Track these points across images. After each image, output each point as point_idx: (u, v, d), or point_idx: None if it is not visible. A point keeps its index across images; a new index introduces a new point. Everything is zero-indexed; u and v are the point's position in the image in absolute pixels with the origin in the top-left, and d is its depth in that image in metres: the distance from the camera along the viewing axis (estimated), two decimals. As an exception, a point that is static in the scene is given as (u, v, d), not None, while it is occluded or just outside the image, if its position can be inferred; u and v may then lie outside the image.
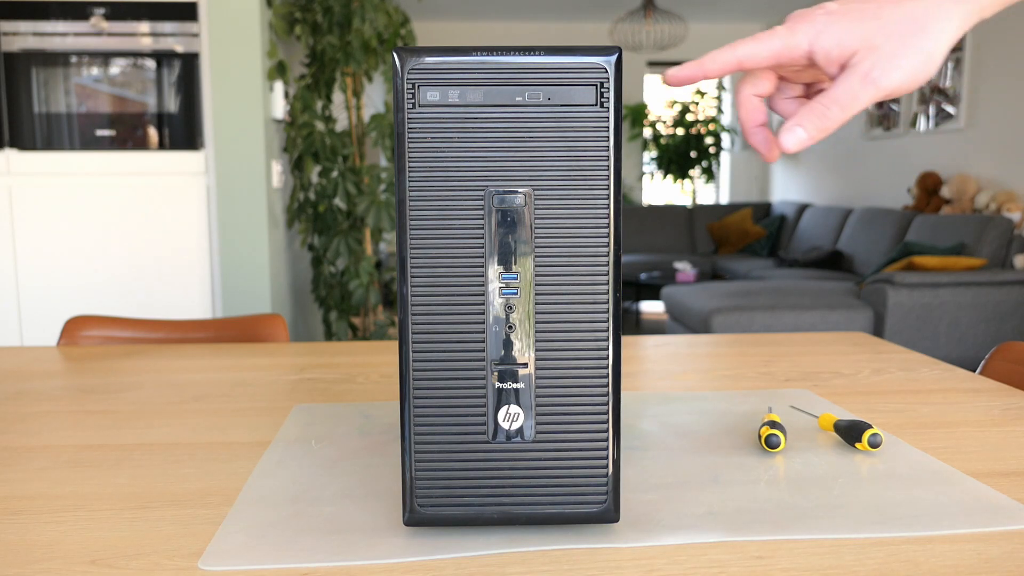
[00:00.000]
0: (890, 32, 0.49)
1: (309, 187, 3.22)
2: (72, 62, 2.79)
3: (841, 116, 0.50)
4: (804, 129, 0.51)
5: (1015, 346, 1.08)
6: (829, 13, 0.50)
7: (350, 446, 0.76)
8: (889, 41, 0.49)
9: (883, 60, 0.49)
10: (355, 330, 3.40)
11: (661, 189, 7.82)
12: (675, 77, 0.51)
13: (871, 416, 0.85)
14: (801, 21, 0.51)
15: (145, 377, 1.04)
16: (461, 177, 0.53)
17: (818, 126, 0.51)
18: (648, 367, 1.10)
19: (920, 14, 0.49)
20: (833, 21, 0.50)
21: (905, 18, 0.49)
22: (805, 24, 0.50)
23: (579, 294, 0.54)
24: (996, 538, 0.56)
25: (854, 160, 5.88)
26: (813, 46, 0.50)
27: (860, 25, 0.49)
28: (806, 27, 0.50)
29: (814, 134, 0.51)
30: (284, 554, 0.54)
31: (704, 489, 0.65)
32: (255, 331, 1.43)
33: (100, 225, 2.84)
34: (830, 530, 0.57)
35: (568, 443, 0.55)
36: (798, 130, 0.51)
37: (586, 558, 0.53)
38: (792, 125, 0.51)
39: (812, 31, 0.50)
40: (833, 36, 0.50)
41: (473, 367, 0.54)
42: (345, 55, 3.04)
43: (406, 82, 0.52)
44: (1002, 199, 4.05)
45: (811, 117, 0.51)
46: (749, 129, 0.54)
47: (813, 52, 0.50)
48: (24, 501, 0.63)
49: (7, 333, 2.87)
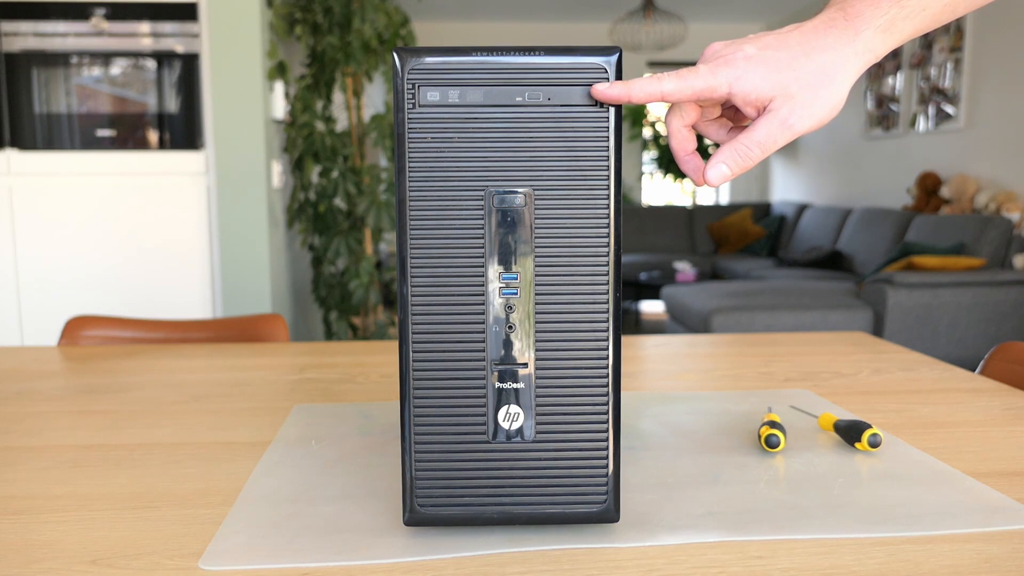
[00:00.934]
0: (803, 83, 0.55)
1: (309, 187, 3.22)
2: (72, 62, 2.79)
3: (761, 155, 0.56)
4: (727, 166, 0.56)
5: (1015, 346, 1.08)
6: (748, 58, 0.55)
7: (350, 446, 0.76)
8: (803, 91, 0.55)
9: (798, 108, 0.55)
10: (355, 330, 3.40)
11: (661, 189, 7.82)
12: (601, 94, 0.54)
13: (871, 416, 0.85)
14: (722, 65, 0.55)
15: (145, 377, 1.04)
16: (461, 177, 0.53)
17: (740, 164, 0.56)
18: (648, 367, 1.10)
19: (829, 67, 0.55)
20: (752, 67, 0.54)
21: (816, 71, 0.55)
22: (726, 68, 0.55)
23: (579, 294, 0.54)
24: (996, 538, 0.56)
25: (854, 160, 5.88)
26: (732, 89, 0.55)
27: (777, 75, 0.55)
28: (727, 71, 0.54)
29: (736, 170, 0.57)
30: (284, 554, 0.54)
31: (704, 489, 0.65)
32: (255, 331, 1.43)
33: (100, 225, 2.84)
34: (830, 530, 0.57)
35: (568, 443, 0.55)
36: (722, 166, 0.56)
37: (586, 558, 0.53)
38: (717, 162, 0.57)
39: (732, 75, 0.54)
40: (751, 82, 0.54)
41: (473, 367, 0.54)
42: (345, 55, 3.04)
43: (406, 82, 0.52)
44: (1002, 199, 4.05)
45: (734, 156, 0.56)
46: (681, 157, 0.59)
47: (732, 94, 0.55)
48: (24, 501, 0.63)
49: (7, 333, 2.87)
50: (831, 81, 0.55)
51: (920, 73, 4.95)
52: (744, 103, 0.55)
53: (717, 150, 0.58)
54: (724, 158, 0.56)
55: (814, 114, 0.55)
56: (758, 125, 0.55)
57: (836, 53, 0.55)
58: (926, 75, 4.88)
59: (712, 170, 0.56)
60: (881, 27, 0.55)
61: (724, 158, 0.56)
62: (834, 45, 0.55)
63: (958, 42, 4.57)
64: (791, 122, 0.55)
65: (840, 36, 0.55)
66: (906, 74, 5.12)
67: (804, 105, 0.55)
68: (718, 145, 0.59)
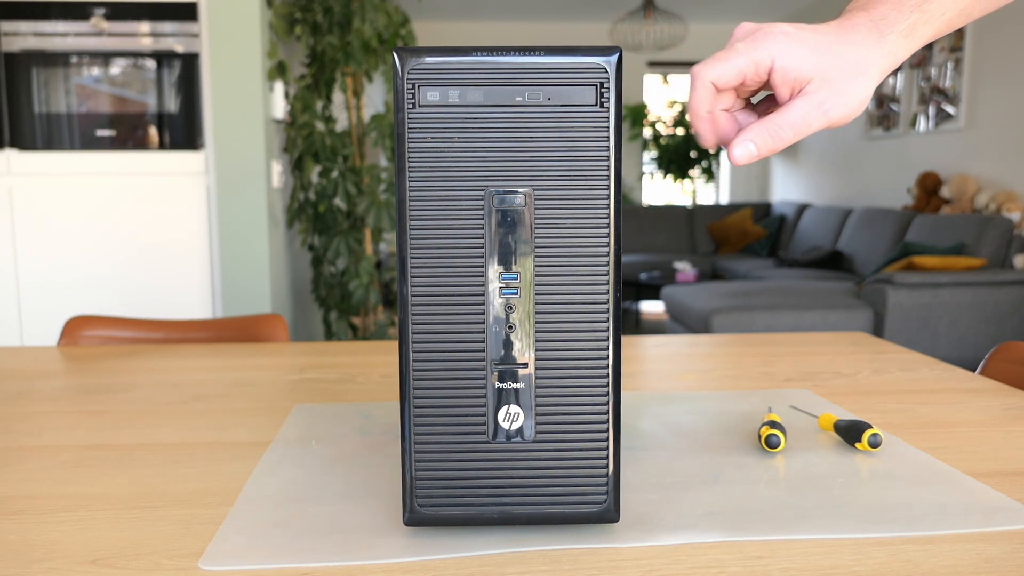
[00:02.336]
0: (840, 70, 0.54)
1: (309, 187, 3.22)
2: (72, 62, 2.79)
3: (792, 138, 0.54)
4: (755, 144, 0.54)
5: (1015, 346, 1.08)
6: (788, 35, 0.54)
7: (350, 446, 0.76)
8: (840, 78, 0.53)
9: (835, 94, 0.53)
10: (355, 330, 3.40)
11: (661, 189, 7.82)
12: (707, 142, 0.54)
13: (871, 416, 0.85)
14: (762, 39, 0.54)
15: (145, 377, 1.04)
16: (461, 177, 0.53)
17: (769, 144, 0.54)
18: (648, 367, 1.10)
19: (861, 60, 0.54)
20: (793, 44, 0.53)
21: (852, 60, 0.54)
22: (767, 41, 0.53)
23: (579, 294, 0.54)
24: (996, 538, 0.56)
25: (854, 160, 5.88)
26: (776, 62, 0.53)
27: (816, 57, 0.53)
28: (769, 44, 0.53)
29: (763, 151, 0.54)
30: (284, 554, 0.54)
31: (704, 489, 0.65)
32: (255, 331, 1.43)
33: (100, 225, 2.84)
34: (830, 530, 0.57)
35: (568, 443, 0.55)
36: (749, 144, 0.54)
37: (586, 558, 0.53)
38: (745, 139, 0.54)
39: (775, 48, 0.53)
40: (792, 59, 0.53)
41: (473, 367, 0.54)
42: (345, 55, 3.04)
43: (406, 82, 0.52)
44: (1002, 199, 4.05)
45: (764, 135, 0.54)
46: (698, 114, 0.56)
47: (774, 70, 0.53)
48: (24, 501, 0.63)
49: (7, 333, 2.87)
50: (863, 74, 0.54)
51: (920, 73, 4.96)
52: (782, 81, 0.54)
53: (746, 128, 0.55)
54: (753, 136, 0.54)
55: (848, 103, 0.54)
56: (793, 106, 0.54)
57: (866, 50, 0.54)
58: (926, 75, 4.88)
59: (739, 147, 0.54)
60: (903, 31, 0.55)
61: (753, 136, 0.54)
62: (864, 43, 0.55)
63: (958, 42, 4.57)
64: (827, 107, 0.54)
65: (868, 35, 0.55)
66: (906, 74, 5.12)
67: (840, 92, 0.54)
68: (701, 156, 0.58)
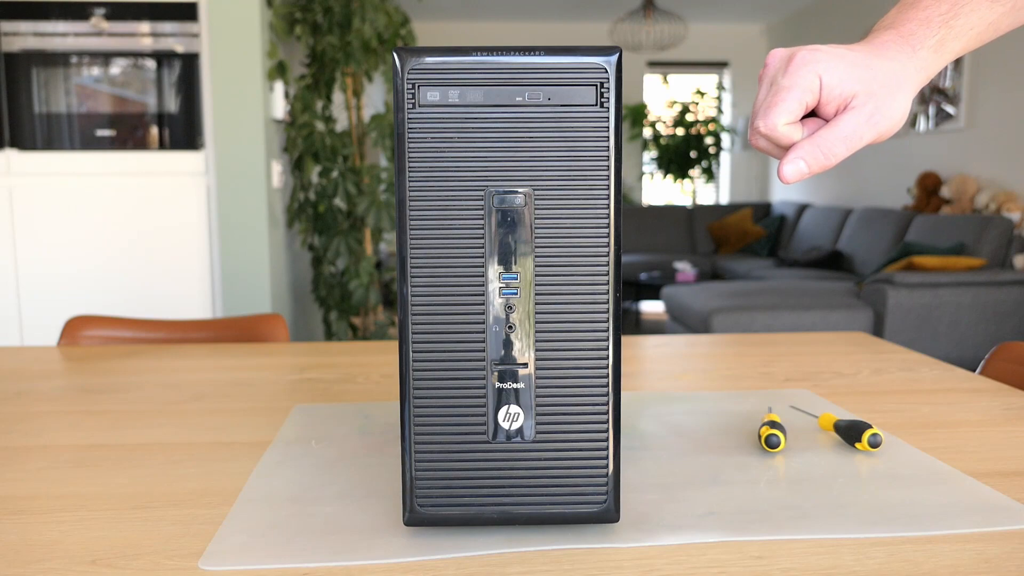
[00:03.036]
0: (881, 83, 0.54)
1: (309, 187, 3.22)
2: (72, 62, 2.79)
3: (844, 154, 0.54)
4: (806, 163, 0.54)
5: (1015, 346, 1.08)
6: (825, 52, 0.54)
7: (350, 446, 0.76)
8: (882, 90, 0.54)
9: (881, 107, 0.53)
10: (355, 330, 3.39)
11: (661, 189, 7.82)
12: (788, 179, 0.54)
13: (871, 416, 0.85)
14: (803, 64, 0.53)
15: (145, 377, 1.04)
16: (461, 177, 0.53)
17: (820, 162, 0.54)
18: (648, 367, 1.10)
19: (898, 73, 0.54)
20: (833, 61, 0.53)
21: (890, 73, 0.54)
22: (809, 64, 0.53)
23: (579, 294, 0.54)
24: (996, 538, 0.56)
25: (854, 160, 5.88)
26: (823, 80, 0.53)
27: (857, 71, 0.53)
28: (811, 65, 0.53)
29: (815, 168, 0.54)
30: (284, 554, 0.54)
31: (704, 489, 0.65)
32: (255, 331, 1.43)
33: (100, 225, 2.84)
34: (830, 530, 0.57)
35: (568, 443, 0.55)
36: (800, 163, 0.54)
37: (586, 558, 0.53)
38: (795, 158, 0.54)
39: (819, 68, 0.53)
40: (837, 75, 0.53)
41: (473, 367, 0.54)
42: (345, 55, 3.04)
43: (406, 82, 0.52)
44: (1002, 199, 4.05)
45: (815, 152, 0.54)
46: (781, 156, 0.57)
47: (822, 87, 0.53)
48: (24, 501, 0.63)
49: (7, 333, 2.87)
50: (901, 88, 0.54)
51: (920, 73, 4.95)
52: (828, 98, 0.54)
53: (794, 146, 0.55)
54: (803, 154, 0.54)
55: (892, 116, 0.54)
56: (843, 121, 0.53)
57: (900, 64, 0.55)
58: (926, 75, 4.87)
59: (789, 166, 0.54)
60: (933, 47, 0.56)
61: (803, 154, 0.54)
62: (897, 58, 0.55)
63: (958, 42, 4.56)
64: (876, 119, 0.53)
65: (900, 51, 0.55)
66: (906, 74, 5.11)
67: (886, 105, 0.54)
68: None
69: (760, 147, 0.57)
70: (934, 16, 0.56)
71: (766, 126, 0.54)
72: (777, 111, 0.54)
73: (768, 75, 0.56)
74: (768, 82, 0.56)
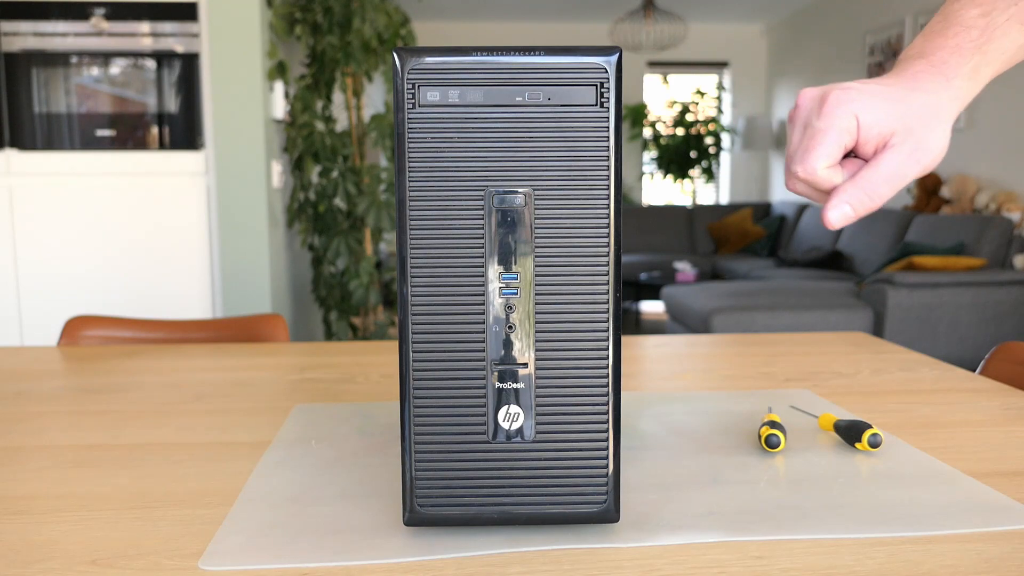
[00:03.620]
0: (918, 118, 0.52)
1: (309, 187, 3.22)
2: (72, 62, 2.79)
3: (889, 194, 0.52)
4: (851, 207, 0.52)
5: (1015, 346, 1.08)
6: (859, 91, 0.52)
7: (350, 446, 0.76)
8: (920, 126, 0.52)
9: (921, 142, 0.52)
10: (355, 330, 3.39)
11: (661, 189, 7.82)
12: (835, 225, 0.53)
13: (871, 416, 0.85)
14: (837, 103, 0.52)
15: (145, 377, 1.04)
16: (461, 177, 0.53)
17: (866, 204, 0.52)
18: (648, 367, 1.10)
19: (934, 106, 0.53)
20: (868, 99, 0.52)
21: (925, 107, 0.52)
22: (844, 104, 0.52)
23: (579, 294, 0.54)
24: (996, 538, 0.56)
25: (854, 160, 5.88)
26: (860, 120, 0.52)
27: (893, 107, 0.52)
28: (846, 105, 0.52)
29: (860, 211, 0.53)
30: (284, 554, 0.54)
31: (704, 489, 0.65)
32: (255, 331, 1.43)
33: (100, 225, 2.84)
34: (830, 530, 0.57)
35: (568, 443, 0.55)
36: (845, 207, 0.52)
37: (586, 558, 0.53)
38: (840, 202, 0.52)
39: (854, 107, 0.52)
40: (873, 113, 0.52)
41: (473, 367, 0.54)
42: (345, 55, 3.04)
43: (406, 82, 0.52)
44: (1002, 199, 4.05)
45: (859, 195, 0.52)
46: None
47: (860, 127, 0.52)
48: (24, 501, 0.63)
49: (7, 333, 2.87)
50: (938, 119, 0.53)
51: (920, 73, 4.95)
52: (866, 138, 0.52)
53: (836, 189, 0.53)
54: (848, 198, 0.52)
55: (933, 149, 0.52)
56: (884, 160, 0.52)
57: (936, 96, 0.53)
58: (926, 75, 4.88)
59: (834, 211, 0.52)
60: (967, 75, 0.54)
61: (848, 198, 0.52)
62: (932, 89, 0.53)
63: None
64: (918, 156, 0.52)
65: (934, 81, 0.53)
66: (906, 74, 5.11)
67: (925, 139, 0.52)
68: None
69: (798, 191, 0.55)
70: (965, 43, 0.54)
71: (805, 171, 0.53)
72: (815, 155, 0.52)
73: (800, 117, 0.55)
74: (801, 124, 0.54)
